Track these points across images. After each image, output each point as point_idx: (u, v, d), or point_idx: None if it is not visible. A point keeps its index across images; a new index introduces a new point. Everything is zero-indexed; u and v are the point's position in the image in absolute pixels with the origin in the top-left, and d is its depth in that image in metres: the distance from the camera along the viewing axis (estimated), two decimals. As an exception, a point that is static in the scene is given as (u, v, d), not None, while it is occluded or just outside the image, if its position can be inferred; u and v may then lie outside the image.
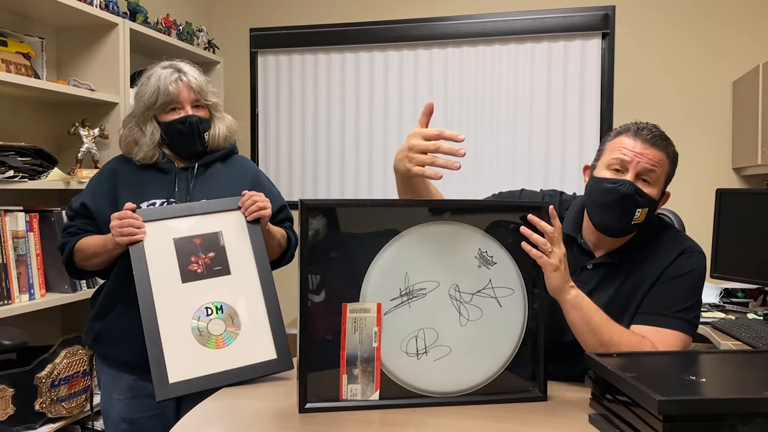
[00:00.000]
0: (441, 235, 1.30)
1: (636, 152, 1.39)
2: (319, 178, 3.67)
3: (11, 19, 2.47)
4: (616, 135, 1.46)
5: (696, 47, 3.21)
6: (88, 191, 1.77)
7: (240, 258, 1.57)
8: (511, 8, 3.39)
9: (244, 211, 1.62)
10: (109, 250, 1.62)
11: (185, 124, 1.72)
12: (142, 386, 1.68)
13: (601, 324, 1.32)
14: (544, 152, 3.37)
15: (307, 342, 1.27)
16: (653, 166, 1.39)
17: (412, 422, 1.21)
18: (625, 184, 1.38)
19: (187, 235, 1.56)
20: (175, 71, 1.74)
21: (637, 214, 1.40)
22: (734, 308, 2.55)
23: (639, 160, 1.39)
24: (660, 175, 1.41)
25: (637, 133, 1.42)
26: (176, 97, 1.72)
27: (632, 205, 1.39)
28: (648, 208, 1.40)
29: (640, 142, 1.40)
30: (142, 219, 1.55)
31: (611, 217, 1.38)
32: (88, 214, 1.73)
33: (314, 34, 3.62)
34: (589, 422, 1.20)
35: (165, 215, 1.59)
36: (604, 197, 1.41)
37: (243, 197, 1.63)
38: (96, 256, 1.67)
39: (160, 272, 1.51)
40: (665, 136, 1.44)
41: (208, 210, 1.61)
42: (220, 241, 1.58)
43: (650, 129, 1.42)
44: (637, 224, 1.42)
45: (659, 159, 1.40)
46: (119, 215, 1.55)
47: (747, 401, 0.99)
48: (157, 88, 1.72)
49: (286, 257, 1.85)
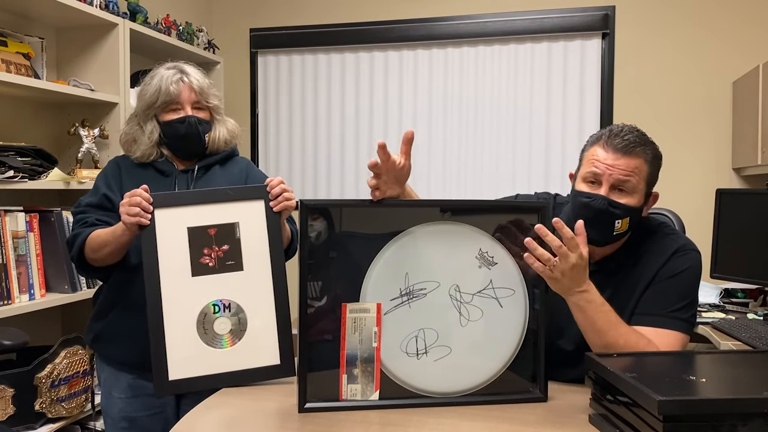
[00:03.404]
0: (441, 235, 1.30)
1: (608, 164, 1.37)
2: (319, 178, 3.67)
3: (11, 19, 2.47)
4: (591, 144, 1.44)
5: (696, 47, 3.21)
6: (101, 183, 1.74)
7: (255, 254, 1.49)
8: (511, 8, 3.39)
9: (272, 199, 1.52)
10: (118, 236, 1.55)
11: (184, 124, 1.72)
12: (142, 385, 1.67)
13: (607, 327, 1.31)
14: (544, 152, 3.37)
15: (307, 342, 1.27)
16: (628, 176, 1.36)
17: (412, 422, 1.21)
18: (597, 199, 1.37)
19: (202, 225, 1.47)
20: (178, 72, 1.74)
21: (618, 225, 1.38)
22: (734, 308, 2.55)
23: (611, 172, 1.37)
24: (637, 182, 1.38)
25: (608, 142, 1.38)
26: (177, 97, 1.72)
27: (609, 217, 1.37)
28: (629, 217, 1.39)
29: (611, 152, 1.37)
30: (156, 204, 1.47)
31: (591, 231, 1.34)
32: (104, 204, 1.69)
33: (314, 34, 3.62)
34: (589, 422, 1.20)
35: (181, 201, 1.49)
36: (581, 212, 1.39)
37: (271, 183, 1.53)
38: (106, 245, 1.60)
39: (170, 263, 1.45)
40: (643, 139, 1.40)
41: (229, 198, 1.50)
42: (236, 233, 1.49)
43: (623, 136, 1.38)
44: (621, 233, 1.41)
45: (634, 167, 1.37)
46: (130, 193, 1.47)
47: (747, 401, 0.99)
48: (158, 88, 1.72)
49: (290, 251, 1.79)
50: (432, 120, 3.51)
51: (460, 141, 3.48)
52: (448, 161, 3.50)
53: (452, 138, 3.49)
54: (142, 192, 1.47)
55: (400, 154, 1.33)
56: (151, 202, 1.47)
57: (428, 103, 3.51)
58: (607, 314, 1.31)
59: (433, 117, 3.51)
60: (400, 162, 1.32)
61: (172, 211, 1.48)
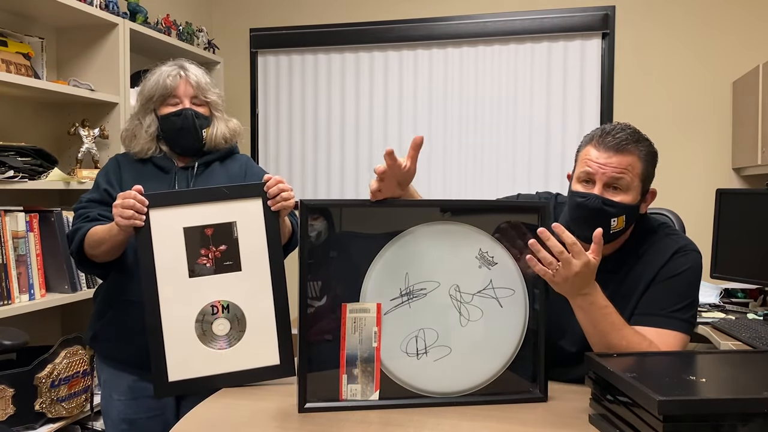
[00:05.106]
0: (441, 235, 1.30)
1: (600, 163, 1.37)
2: (319, 178, 3.67)
3: (11, 19, 2.47)
4: (584, 144, 1.44)
5: (696, 47, 3.21)
6: (101, 179, 1.74)
7: (253, 253, 1.47)
8: (511, 8, 3.39)
9: (270, 198, 1.50)
10: (114, 235, 1.53)
11: (180, 117, 1.72)
12: (142, 387, 1.67)
13: (609, 329, 1.30)
14: (544, 152, 3.37)
15: (307, 342, 1.27)
16: (621, 174, 1.37)
17: (412, 422, 1.21)
18: (591, 198, 1.37)
19: (198, 225, 1.45)
20: (177, 67, 1.76)
21: (614, 224, 1.38)
22: (734, 308, 2.54)
23: (604, 171, 1.37)
24: (632, 179, 1.38)
25: (600, 141, 1.39)
26: (174, 90, 1.73)
27: (605, 216, 1.37)
28: (625, 214, 1.39)
29: (603, 151, 1.37)
30: (151, 204, 1.44)
31: (588, 230, 1.34)
32: (105, 200, 1.68)
33: (314, 34, 3.62)
34: (589, 422, 1.20)
35: (177, 201, 1.47)
36: (576, 212, 1.40)
37: (268, 182, 1.50)
38: (102, 242, 1.59)
39: (167, 264, 1.43)
40: (635, 136, 1.40)
41: (225, 196, 1.47)
42: (234, 233, 1.46)
43: (615, 135, 1.38)
44: (619, 231, 1.40)
45: (627, 164, 1.37)
46: (123, 195, 1.45)
47: (747, 401, 0.99)
48: (156, 82, 1.74)
49: (290, 245, 1.76)
50: (432, 120, 3.51)
51: (460, 141, 3.48)
52: (448, 161, 3.50)
53: (452, 138, 3.49)
54: (136, 194, 1.44)
55: (407, 158, 1.32)
56: (145, 203, 1.44)
57: (428, 103, 3.51)
58: (610, 316, 1.31)
59: (433, 117, 3.51)
60: (406, 165, 1.32)
61: (167, 211, 1.45)
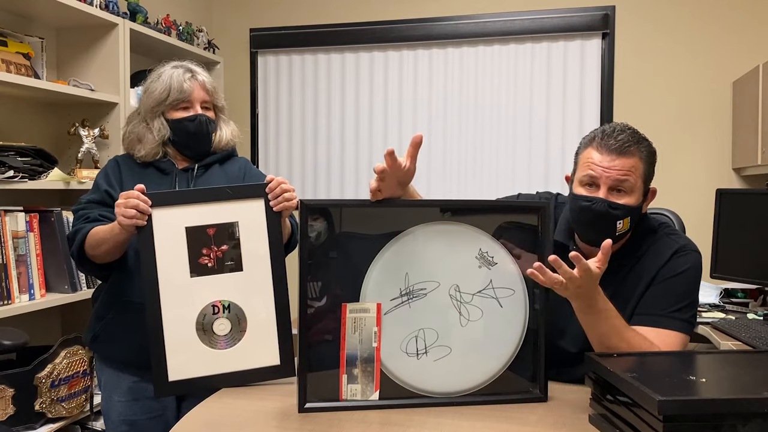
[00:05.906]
0: (441, 235, 1.30)
1: (604, 167, 1.37)
2: (319, 178, 3.67)
3: (11, 19, 2.47)
4: (585, 146, 1.43)
5: (696, 47, 3.21)
6: (102, 180, 1.73)
7: (254, 253, 1.47)
8: (511, 8, 3.39)
9: (272, 199, 1.49)
10: (115, 235, 1.53)
11: (195, 122, 1.72)
12: (143, 388, 1.67)
13: (610, 331, 1.30)
14: (544, 152, 3.36)
15: (307, 342, 1.27)
16: (625, 176, 1.37)
17: (412, 422, 1.21)
18: (598, 203, 1.37)
19: (200, 224, 1.45)
20: (187, 71, 1.74)
21: (619, 226, 1.38)
22: (734, 308, 2.54)
23: (608, 174, 1.36)
24: (635, 181, 1.38)
25: (602, 143, 1.38)
26: (189, 95, 1.72)
27: (611, 219, 1.37)
28: (630, 216, 1.39)
29: (606, 154, 1.37)
30: (153, 203, 1.44)
31: (594, 234, 1.35)
32: (106, 200, 1.68)
33: (314, 34, 3.62)
34: (589, 422, 1.20)
35: (179, 200, 1.47)
36: (582, 216, 1.40)
37: (270, 183, 1.50)
38: (103, 242, 1.58)
39: (168, 263, 1.42)
40: (636, 137, 1.40)
41: (228, 197, 1.47)
42: (236, 233, 1.46)
43: (616, 137, 1.38)
44: (623, 233, 1.41)
45: (630, 166, 1.37)
46: (126, 194, 1.45)
47: (747, 401, 0.99)
48: (169, 86, 1.71)
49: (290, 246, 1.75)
50: (432, 120, 3.51)
51: (460, 141, 3.48)
52: (448, 161, 3.50)
53: (452, 138, 3.49)
54: (139, 193, 1.44)
55: (406, 157, 1.32)
56: (148, 203, 1.44)
57: (428, 103, 3.51)
58: (611, 319, 1.31)
59: (433, 117, 3.51)
60: (405, 165, 1.31)
61: (169, 210, 1.45)
